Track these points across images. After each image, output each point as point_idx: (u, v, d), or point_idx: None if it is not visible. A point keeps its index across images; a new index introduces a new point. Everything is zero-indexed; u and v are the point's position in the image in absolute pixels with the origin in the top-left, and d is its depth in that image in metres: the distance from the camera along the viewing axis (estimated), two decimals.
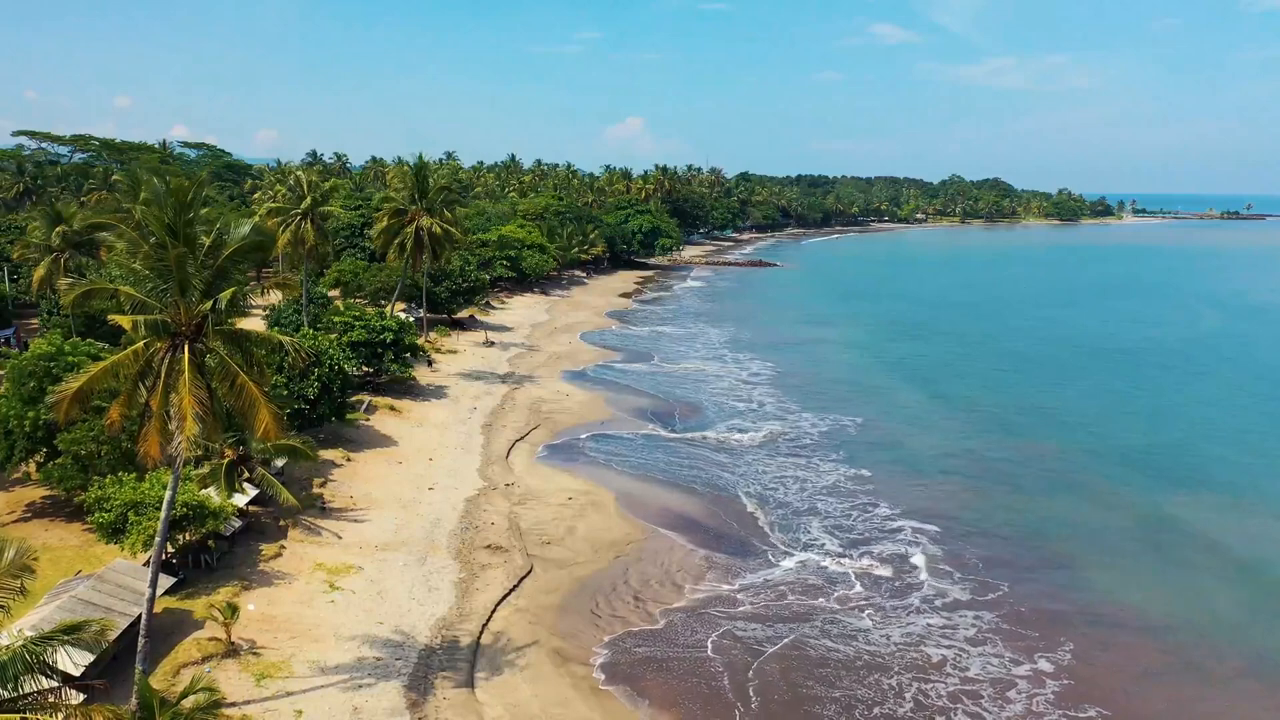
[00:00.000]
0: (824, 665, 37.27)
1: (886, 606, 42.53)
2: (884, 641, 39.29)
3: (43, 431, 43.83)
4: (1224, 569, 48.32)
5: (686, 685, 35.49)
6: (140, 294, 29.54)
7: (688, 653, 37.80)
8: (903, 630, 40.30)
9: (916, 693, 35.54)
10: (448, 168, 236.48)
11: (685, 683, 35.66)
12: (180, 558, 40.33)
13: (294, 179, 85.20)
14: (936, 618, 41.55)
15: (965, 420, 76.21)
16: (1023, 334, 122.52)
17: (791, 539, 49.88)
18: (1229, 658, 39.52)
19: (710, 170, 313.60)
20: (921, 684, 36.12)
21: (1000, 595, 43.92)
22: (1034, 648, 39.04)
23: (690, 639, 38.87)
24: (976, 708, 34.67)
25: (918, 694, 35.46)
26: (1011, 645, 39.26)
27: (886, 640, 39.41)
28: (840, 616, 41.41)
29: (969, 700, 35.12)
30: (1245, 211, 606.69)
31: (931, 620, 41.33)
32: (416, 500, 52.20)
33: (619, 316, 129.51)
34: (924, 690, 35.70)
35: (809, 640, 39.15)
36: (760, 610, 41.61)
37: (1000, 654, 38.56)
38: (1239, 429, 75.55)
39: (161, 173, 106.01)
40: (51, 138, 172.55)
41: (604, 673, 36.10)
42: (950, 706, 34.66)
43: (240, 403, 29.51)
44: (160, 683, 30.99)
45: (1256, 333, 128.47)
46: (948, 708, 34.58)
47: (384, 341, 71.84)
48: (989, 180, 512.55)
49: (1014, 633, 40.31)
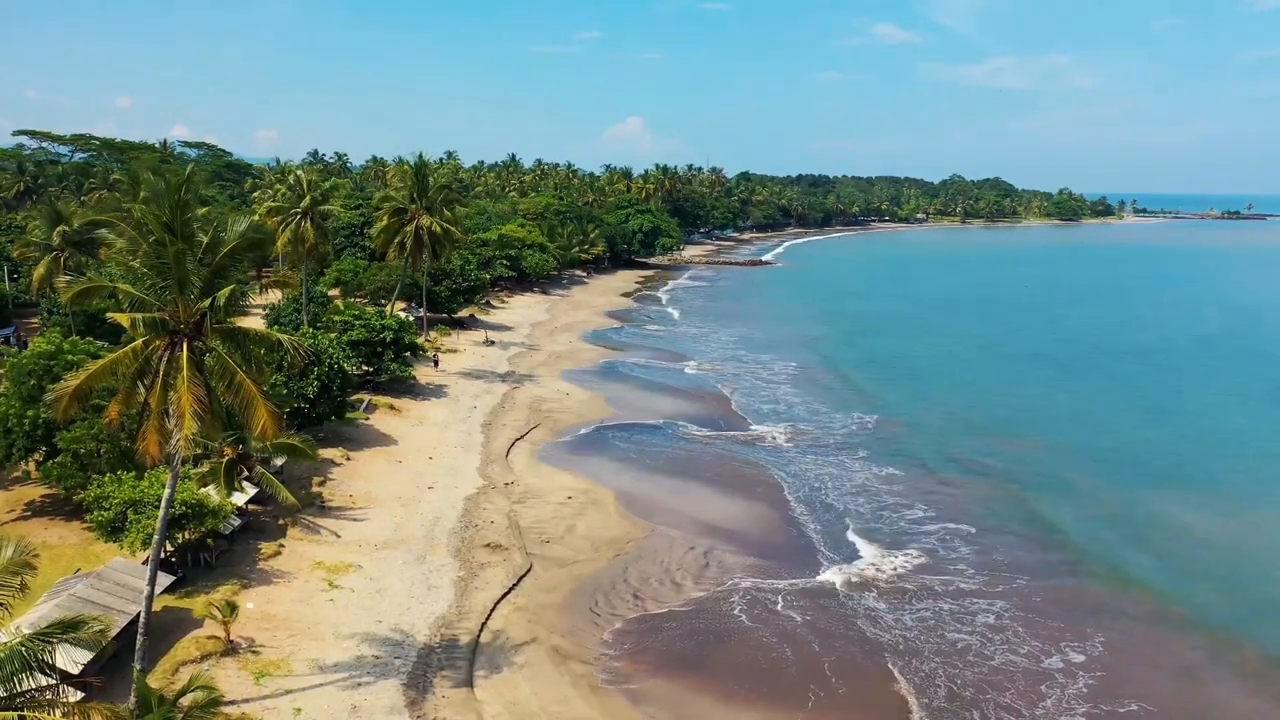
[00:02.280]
0: (839, 658, 37.32)
1: (905, 600, 42.76)
2: (904, 635, 39.49)
3: (42, 430, 43.81)
4: (1248, 565, 48.48)
5: (689, 682, 35.46)
6: (139, 292, 29.52)
7: (689, 650, 37.78)
8: (922, 621, 40.70)
9: (947, 680, 35.99)
10: (448, 167, 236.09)
11: (687, 680, 35.63)
12: (179, 556, 40.32)
13: (294, 178, 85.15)
14: (952, 604, 42.13)
15: (981, 417, 76.14)
16: (1027, 334, 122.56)
17: (800, 536, 49.86)
18: (1254, 652, 39.68)
19: (711, 170, 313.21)
20: (950, 671, 36.65)
21: (1023, 587, 44.32)
22: (1061, 638, 39.38)
23: (690, 637, 38.84)
24: (1010, 699, 34.99)
25: (949, 681, 35.92)
26: (1040, 637, 39.59)
27: (906, 634, 39.69)
28: (855, 610, 41.51)
29: (998, 690, 35.48)
30: (1246, 211, 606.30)
31: (948, 606, 41.91)
32: (416, 499, 52.18)
33: (619, 316, 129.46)
34: (955, 677, 36.20)
35: (818, 635, 39.18)
36: (761, 611, 41.57)
37: (1030, 645, 38.89)
38: (1253, 428, 75.51)
39: (162, 172, 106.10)
40: (52, 137, 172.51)
41: (603, 671, 36.08)
42: (980, 697, 34.97)
43: (239, 401, 29.46)
44: (159, 681, 30.99)
45: (1267, 334, 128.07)
46: (978, 698, 34.89)
47: (384, 340, 71.84)
48: (990, 180, 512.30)
49: (1042, 624, 40.65)
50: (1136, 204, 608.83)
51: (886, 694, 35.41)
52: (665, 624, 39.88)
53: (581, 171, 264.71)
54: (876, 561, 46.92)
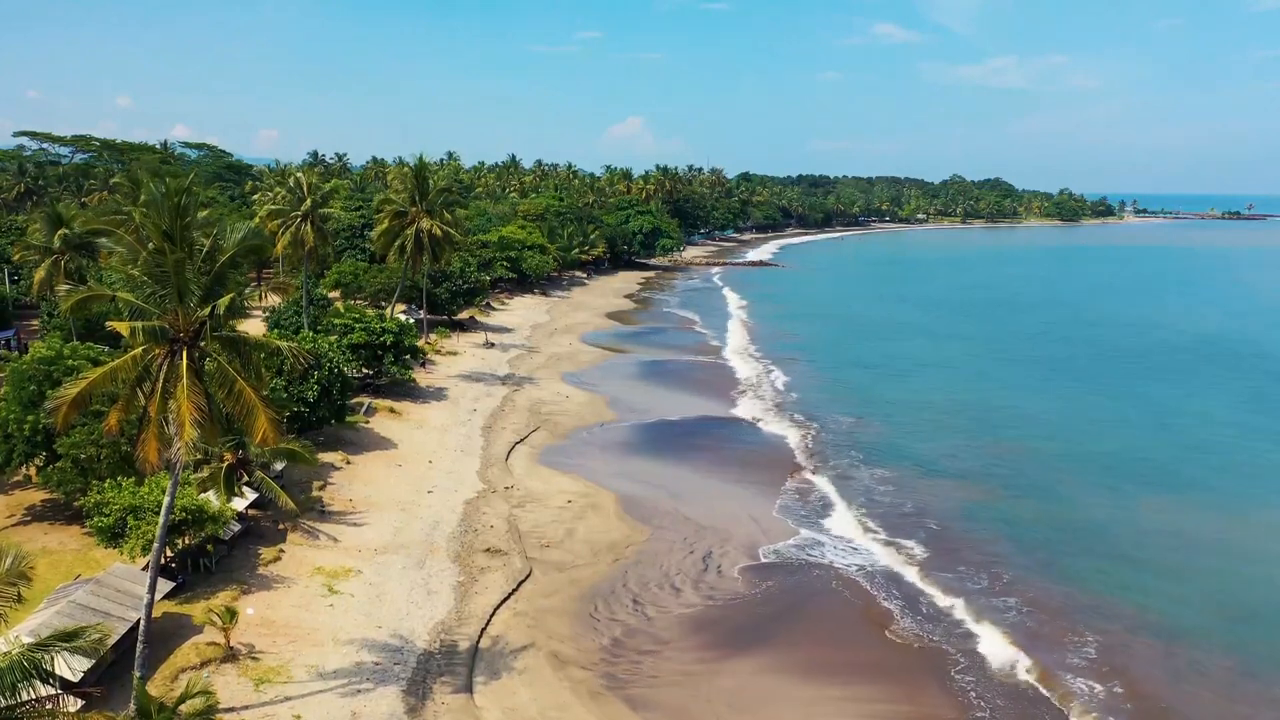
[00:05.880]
0: (836, 665, 37.36)
1: (904, 605, 42.76)
2: (899, 638, 39.50)
3: (42, 435, 43.84)
4: (1242, 571, 48.39)
5: (688, 689, 35.44)
6: (138, 300, 29.54)
7: (689, 655, 37.78)
8: (917, 627, 40.67)
9: (940, 685, 36.18)
10: (448, 168, 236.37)
11: (686, 686, 35.61)
12: (179, 562, 40.34)
13: (294, 180, 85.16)
14: (954, 613, 42.13)
15: (982, 422, 76.08)
16: (1027, 335, 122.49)
17: (798, 540, 49.80)
18: (1244, 657, 39.58)
19: (711, 170, 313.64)
20: (945, 676, 36.81)
21: (1017, 589, 44.33)
22: (1059, 643, 39.45)
23: (690, 640, 38.84)
24: (1005, 701, 35.23)
25: (942, 686, 36.10)
26: (1034, 640, 39.65)
27: (904, 633, 39.83)
28: (856, 612, 41.56)
29: (995, 695, 35.62)
30: (1246, 211, 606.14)
31: (949, 613, 41.97)
32: (416, 503, 52.20)
33: (620, 317, 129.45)
34: (950, 682, 36.37)
35: (820, 640, 39.24)
36: (762, 611, 41.62)
37: (1024, 648, 38.94)
38: (1255, 429, 75.53)
39: (162, 173, 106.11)
40: (52, 138, 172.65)
41: (603, 676, 36.08)
42: (975, 702, 35.12)
43: (238, 408, 29.50)
44: (159, 688, 31.02)
45: (1267, 335, 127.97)
46: (973, 702, 35.06)
47: (384, 344, 71.87)
48: (990, 180, 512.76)
49: (1036, 629, 40.71)
50: (1137, 204, 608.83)
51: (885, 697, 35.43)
52: (665, 628, 39.87)
53: (582, 172, 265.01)
54: (865, 560, 47.02)
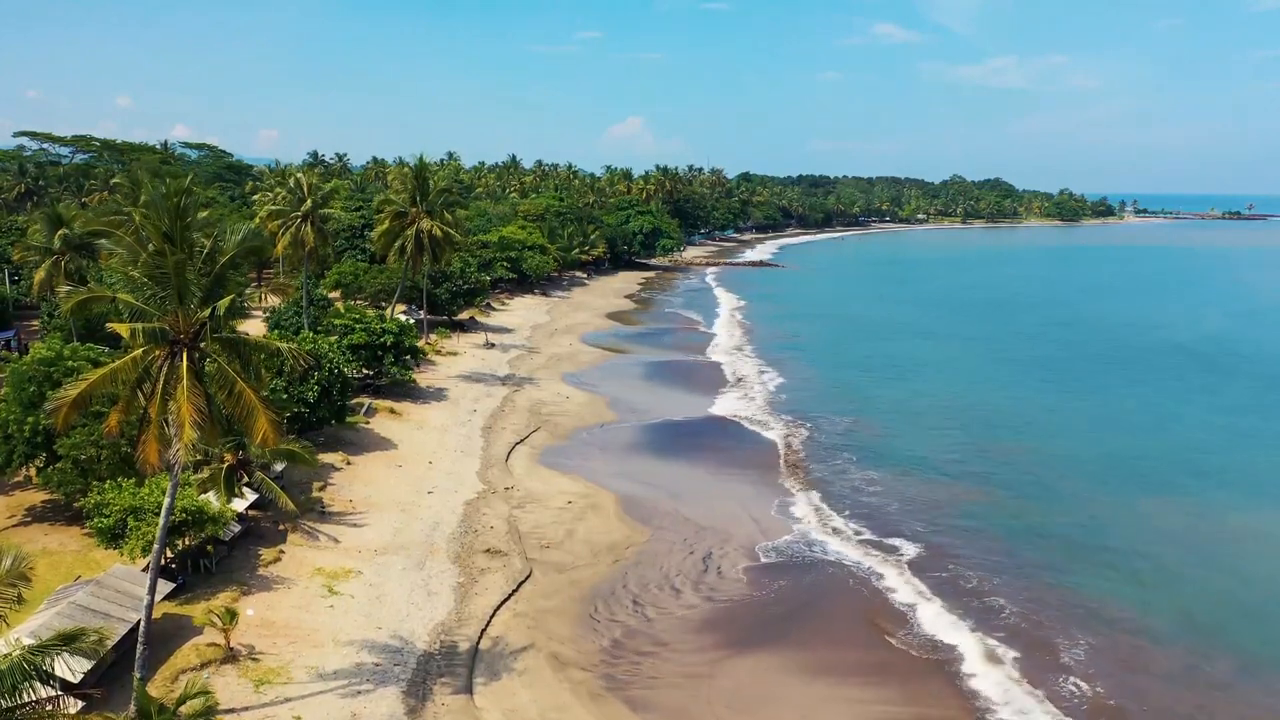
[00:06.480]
0: (836, 665, 37.38)
1: (904, 605, 42.79)
2: (896, 639, 39.58)
3: (43, 436, 43.85)
4: (1240, 572, 48.37)
5: (688, 690, 35.44)
6: (138, 301, 29.55)
7: (689, 655, 37.78)
8: (914, 628, 40.72)
9: (937, 685, 36.20)
10: (449, 168, 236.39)
11: (686, 688, 35.61)
12: (179, 563, 40.34)
13: (294, 181, 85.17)
14: (951, 613, 42.04)
15: (981, 422, 76.04)
16: (1027, 336, 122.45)
17: (797, 540, 49.82)
18: (1239, 658, 39.57)
19: (711, 170, 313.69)
20: (942, 676, 36.80)
21: (1013, 590, 44.28)
22: (1050, 647, 39.34)
23: (691, 641, 38.85)
24: (1000, 700, 35.29)
25: (940, 687, 36.10)
26: (1030, 641, 39.69)
27: (902, 634, 39.96)
28: (855, 616, 41.55)
29: (991, 695, 35.68)
30: (1246, 211, 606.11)
31: (946, 614, 41.93)
32: (416, 504, 52.21)
33: (620, 318, 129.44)
34: (947, 682, 36.37)
35: (820, 640, 39.30)
36: (762, 612, 41.62)
37: (1020, 648, 38.98)
38: (1254, 431, 75.46)
39: (162, 174, 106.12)
40: (52, 138, 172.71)
41: (602, 678, 36.07)
42: (972, 702, 35.17)
43: (238, 409, 29.51)
44: (159, 689, 31.04)
45: (1266, 335, 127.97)
46: (970, 703, 35.10)
47: (384, 344, 71.87)
48: (990, 180, 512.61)
49: (1031, 630, 40.67)
50: (1137, 204, 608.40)
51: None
52: (666, 629, 39.88)
53: (582, 172, 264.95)
54: (864, 560, 47.03)
